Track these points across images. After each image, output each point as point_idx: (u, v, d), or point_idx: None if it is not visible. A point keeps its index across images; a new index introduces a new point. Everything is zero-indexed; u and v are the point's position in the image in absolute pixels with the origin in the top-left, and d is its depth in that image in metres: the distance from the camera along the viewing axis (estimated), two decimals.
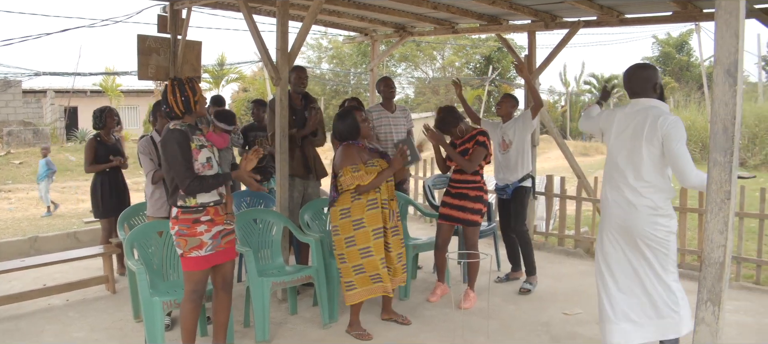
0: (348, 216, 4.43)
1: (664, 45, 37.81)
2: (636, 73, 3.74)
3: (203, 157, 3.73)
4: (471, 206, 5.29)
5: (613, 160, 3.74)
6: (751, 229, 7.45)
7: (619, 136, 3.70)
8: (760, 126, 18.13)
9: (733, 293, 5.69)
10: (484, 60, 32.49)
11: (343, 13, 7.53)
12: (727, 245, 2.69)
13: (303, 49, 30.93)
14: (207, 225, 3.75)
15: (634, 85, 3.73)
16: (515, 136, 5.76)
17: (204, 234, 3.73)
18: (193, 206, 3.71)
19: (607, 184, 3.77)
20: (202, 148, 3.74)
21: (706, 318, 2.76)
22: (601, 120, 3.90)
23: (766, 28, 5.84)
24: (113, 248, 5.87)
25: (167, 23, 6.95)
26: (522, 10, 6.94)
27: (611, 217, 3.71)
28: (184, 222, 3.70)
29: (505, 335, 4.71)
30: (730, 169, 2.64)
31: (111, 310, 5.27)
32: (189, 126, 3.75)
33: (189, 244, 3.71)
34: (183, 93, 3.71)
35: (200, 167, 3.70)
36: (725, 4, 2.58)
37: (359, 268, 4.45)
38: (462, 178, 5.32)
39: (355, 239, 4.43)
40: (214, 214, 3.79)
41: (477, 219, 5.33)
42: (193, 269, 3.76)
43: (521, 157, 5.78)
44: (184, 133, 3.68)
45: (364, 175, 4.36)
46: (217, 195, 3.81)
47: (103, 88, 26.75)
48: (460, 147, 5.30)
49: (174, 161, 3.63)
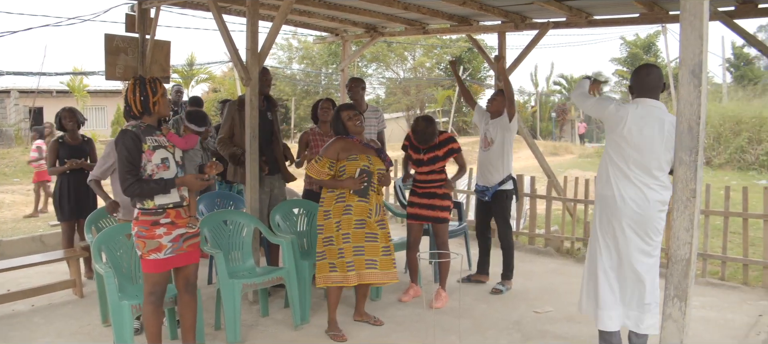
0: (330, 217, 4.51)
1: (632, 46, 38.37)
2: (651, 73, 3.83)
3: (157, 158, 3.67)
4: (440, 204, 5.35)
5: (628, 157, 3.73)
6: (716, 227, 7.60)
7: (638, 134, 3.69)
8: (725, 125, 18.49)
9: (699, 289, 5.80)
10: (457, 58, 32.65)
11: (313, 13, 7.50)
12: (693, 242, 2.74)
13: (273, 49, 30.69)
14: (166, 228, 3.70)
15: (646, 85, 3.81)
16: (498, 135, 5.77)
17: (163, 237, 3.68)
18: (152, 208, 3.66)
19: (621, 180, 3.75)
20: (157, 148, 3.68)
21: (673, 313, 2.81)
22: (609, 111, 3.83)
23: (729, 30, 5.96)
24: (80, 251, 5.76)
25: (135, 22, 6.85)
26: (492, 11, 6.99)
27: (625, 211, 3.73)
28: (143, 224, 3.66)
29: (476, 334, 4.74)
30: (695, 167, 2.69)
31: (78, 315, 5.18)
32: (147, 126, 3.70)
33: (147, 246, 3.66)
34: (142, 92, 3.66)
35: (154, 168, 3.65)
36: (690, 6, 2.63)
37: (333, 266, 4.52)
38: (429, 178, 5.35)
39: (333, 239, 4.50)
40: (175, 217, 3.74)
41: (447, 216, 5.39)
42: (151, 271, 3.72)
43: (503, 157, 5.77)
44: (135, 134, 3.62)
45: (317, 169, 4.49)
46: (177, 198, 3.75)
47: (70, 88, 26.26)
48: (429, 153, 5.33)
49: (120, 161, 3.62)
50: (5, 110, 26.27)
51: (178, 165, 3.80)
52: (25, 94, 26.04)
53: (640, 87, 3.83)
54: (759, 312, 5.21)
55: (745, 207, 6.10)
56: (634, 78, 3.89)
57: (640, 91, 3.83)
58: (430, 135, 5.30)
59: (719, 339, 4.64)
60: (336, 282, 4.52)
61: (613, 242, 3.83)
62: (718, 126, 18.53)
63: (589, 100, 4.09)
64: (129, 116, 3.74)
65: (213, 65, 32.31)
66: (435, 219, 5.36)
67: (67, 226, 6.20)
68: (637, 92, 3.84)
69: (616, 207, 3.77)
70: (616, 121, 3.77)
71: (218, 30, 5.53)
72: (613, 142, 3.80)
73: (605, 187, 3.84)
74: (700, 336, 4.64)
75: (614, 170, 3.79)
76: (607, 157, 3.86)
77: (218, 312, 4.81)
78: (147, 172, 3.64)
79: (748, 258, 6.10)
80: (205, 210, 5.85)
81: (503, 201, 5.84)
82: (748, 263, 6.09)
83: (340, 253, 4.48)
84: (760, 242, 6.54)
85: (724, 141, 18.24)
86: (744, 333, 4.72)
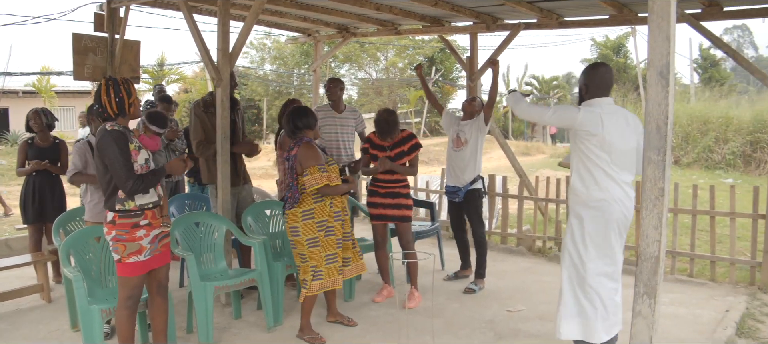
0: (311, 217, 4.42)
1: (602, 47, 38.87)
2: (608, 72, 3.82)
3: (142, 158, 3.65)
4: (405, 202, 5.40)
5: (610, 159, 3.65)
6: (684, 224, 7.72)
7: (618, 135, 3.64)
8: (693, 125, 18.79)
9: (668, 286, 5.89)
10: (427, 61, 32.71)
11: (285, 13, 7.47)
12: (661, 240, 2.78)
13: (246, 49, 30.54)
14: (146, 230, 3.66)
15: (603, 83, 3.77)
16: (472, 136, 5.80)
17: (143, 239, 3.64)
18: (133, 209, 3.61)
19: (609, 182, 3.67)
20: (140, 148, 3.66)
21: (642, 310, 2.84)
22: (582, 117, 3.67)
23: (696, 32, 6.06)
24: (47, 256, 5.66)
25: (104, 22, 6.74)
26: (464, 12, 7.03)
27: (617, 214, 3.69)
28: (122, 227, 3.60)
29: (449, 333, 4.75)
30: (663, 166, 2.73)
31: (46, 320, 5.08)
32: (125, 128, 3.65)
33: (128, 249, 3.61)
34: (118, 94, 3.61)
35: (139, 168, 3.61)
36: (657, 8, 2.67)
37: (318, 274, 4.44)
38: (390, 178, 5.37)
39: (318, 240, 4.43)
40: (152, 218, 3.71)
41: (409, 215, 5.44)
42: (130, 274, 3.66)
43: (475, 157, 5.82)
44: (123, 133, 3.58)
45: (331, 176, 4.38)
46: (156, 197, 3.73)
47: (37, 89, 25.77)
48: (394, 149, 5.34)
49: (114, 163, 3.52)
50: None
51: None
52: None
53: (596, 86, 3.76)
54: (726, 307, 5.31)
55: (712, 205, 6.21)
56: (590, 77, 3.81)
57: (596, 90, 3.76)
58: (393, 124, 5.30)
59: (688, 334, 4.72)
60: (324, 288, 4.52)
61: (609, 248, 3.74)
62: (686, 126, 18.83)
63: (546, 111, 4.01)
64: (101, 118, 3.67)
65: (184, 65, 31.99)
66: (399, 218, 5.38)
67: (33, 229, 6.07)
68: (594, 92, 3.76)
69: (610, 211, 3.68)
70: (593, 125, 3.63)
71: (189, 30, 5.47)
72: (592, 147, 3.66)
73: (597, 191, 3.69)
74: (669, 332, 4.71)
75: (600, 173, 3.68)
76: (587, 160, 3.70)
77: (190, 315, 4.76)
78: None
79: (715, 255, 6.21)
80: (176, 212, 5.79)
81: (475, 200, 5.88)
82: (715, 260, 6.20)
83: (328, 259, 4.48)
84: (727, 239, 6.69)
85: (692, 140, 18.55)
86: (712, 329, 4.80)
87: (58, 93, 26.94)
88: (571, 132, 3.80)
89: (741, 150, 17.45)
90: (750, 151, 17.36)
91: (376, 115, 5.43)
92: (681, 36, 69.88)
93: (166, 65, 29.07)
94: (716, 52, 35.64)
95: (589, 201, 3.73)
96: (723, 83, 31.88)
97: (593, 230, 3.72)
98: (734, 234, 6.14)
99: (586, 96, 3.80)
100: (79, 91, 28.39)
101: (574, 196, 3.81)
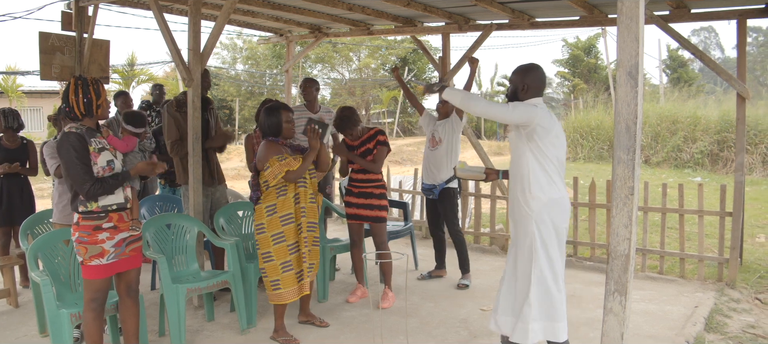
0: (275, 212, 4.38)
1: (573, 48, 39.24)
2: (543, 73, 3.83)
3: (103, 160, 3.57)
4: (377, 203, 5.38)
5: (559, 160, 3.72)
6: (654, 222, 7.84)
7: (557, 135, 3.70)
8: (662, 125, 19.09)
9: (638, 283, 5.99)
10: (400, 61, 32.75)
11: (257, 13, 7.42)
12: (631, 238, 2.81)
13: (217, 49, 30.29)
14: (109, 233, 3.60)
15: (542, 85, 3.81)
16: (446, 135, 5.84)
17: (105, 242, 3.58)
18: (96, 211, 3.55)
19: (560, 183, 3.73)
20: (102, 150, 3.58)
21: (613, 307, 2.87)
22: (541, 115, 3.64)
23: (665, 33, 6.15)
24: (14, 259, 5.54)
25: (72, 20, 6.63)
26: (436, 13, 7.05)
27: (565, 215, 3.74)
28: (84, 228, 3.54)
29: (424, 333, 4.76)
30: (632, 166, 2.76)
31: (14, 326, 4.98)
32: (88, 129, 3.59)
33: (89, 252, 3.55)
34: (86, 94, 3.55)
35: (100, 170, 3.54)
36: (626, 10, 2.70)
37: (287, 265, 4.39)
38: (365, 178, 5.36)
39: (284, 235, 4.39)
40: (118, 221, 3.64)
41: (384, 215, 5.42)
42: (92, 277, 3.60)
43: (449, 156, 5.86)
44: (80, 135, 3.51)
45: (291, 161, 4.33)
46: (122, 198, 3.66)
47: (2, 89, 25.24)
48: (361, 148, 5.34)
49: (71, 165, 3.47)
50: None
51: (122, 167, 3.71)
52: None
53: (537, 87, 3.78)
54: (695, 303, 5.40)
55: (681, 203, 6.31)
56: (530, 77, 3.78)
57: (536, 91, 3.78)
58: (347, 120, 5.27)
59: (658, 331, 4.79)
60: (288, 300, 4.46)
61: (560, 247, 3.77)
62: (655, 125, 19.13)
63: (506, 108, 3.71)
64: (68, 117, 3.61)
65: (154, 65, 31.61)
66: (374, 218, 5.37)
67: (1, 233, 5.94)
68: (535, 92, 3.77)
69: (564, 209, 3.73)
70: (549, 123, 3.66)
71: (160, 29, 5.40)
72: (548, 144, 3.67)
73: (552, 190, 3.69)
74: (640, 328, 4.78)
75: (554, 171, 3.70)
76: (542, 159, 3.68)
77: (162, 318, 4.70)
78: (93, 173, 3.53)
79: (684, 252, 6.31)
80: (147, 214, 5.72)
81: (451, 198, 5.93)
82: (684, 257, 6.30)
83: (284, 266, 4.41)
84: (695, 237, 6.80)
85: (662, 140, 18.85)
86: (681, 324, 4.88)
87: (26, 93, 26.43)
88: (524, 131, 3.69)
89: (709, 149, 17.77)
90: (717, 150, 17.69)
91: (336, 112, 5.41)
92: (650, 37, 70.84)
93: (136, 65, 28.68)
94: (684, 53, 36.22)
95: (550, 202, 3.70)
96: (691, 84, 32.40)
97: (549, 232, 3.71)
98: (703, 231, 6.25)
99: (525, 96, 3.77)
100: (47, 91, 27.89)
101: (533, 200, 3.70)
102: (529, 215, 3.72)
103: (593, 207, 6.78)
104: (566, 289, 5.82)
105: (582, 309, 5.26)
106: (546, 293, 3.72)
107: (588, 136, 21.04)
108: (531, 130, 3.66)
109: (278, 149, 4.37)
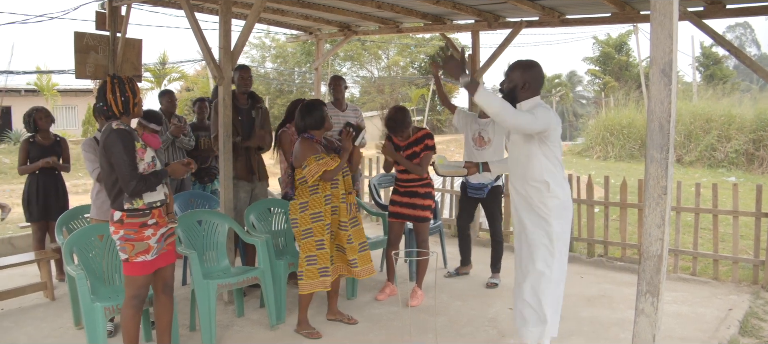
0: (306, 209, 4.46)
1: (604, 45, 38.79)
2: (542, 70, 3.76)
3: (148, 157, 3.65)
4: (421, 203, 5.35)
5: (559, 160, 3.75)
6: (687, 223, 7.72)
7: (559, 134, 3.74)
8: (695, 124, 18.78)
9: (670, 284, 5.90)
10: (428, 59, 32.68)
11: (287, 11, 7.46)
12: (664, 238, 2.77)
13: (246, 47, 30.52)
14: (153, 229, 3.66)
15: (541, 82, 3.77)
16: (495, 135, 5.78)
17: (151, 239, 3.65)
18: (141, 208, 3.61)
19: (565, 182, 3.78)
20: (146, 147, 3.66)
21: (645, 308, 2.84)
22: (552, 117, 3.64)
23: (699, 30, 6.05)
24: (51, 254, 5.66)
25: (106, 20, 6.75)
26: (465, 10, 7.02)
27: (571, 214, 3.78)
28: (130, 226, 3.59)
29: (453, 331, 4.75)
30: (666, 165, 2.73)
31: (50, 318, 5.09)
32: (129, 127, 3.65)
33: (136, 249, 3.61)
34: (123, 93, 3.61)
35: (146, 166, 3.61)
36: (659, 6, 2.66)
37: (312, 259, 4.45)
38: (410, 177, 5.36)
39: (312, 231, 4.45)
40: (159, 216, 3.71)
41: (428, 215, 5.40)
42: (137, 274, 3.66)
43: (498, 155, 5.79)
44: (130, 133, 3.58)
45: (328, 161, 4.39)
46: (163, 195, 3.74)
47: (39, 88, 25.78)
48: (408, 150, 5.32)
49: (120, 163, 3.51)
50: None
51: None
52: None
53: (537, 85, 3.72)
54: (729, 306, 5.30)
55: (715, 203, 6.20)
56: (532, 75, 3.72)
57: (535, 89, 3.73)
58: (400, 122, 5.28)
59: (691, 333, 4.71)
60: (321, 288, 4.51)
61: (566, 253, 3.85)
62: (688, 124, 18.83)
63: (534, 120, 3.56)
64: (105, 116, 3.66)
65: (186, 64, 32.00)
66: (415, 218, 5.36)
67: (36, 228, 6.08)
68: (535, 89, 3.73)
69: (569, 214, 3.80)
70: (557, 124, 3.68)
71: (191, 28, 5.47)
72: (555, 147, 3.70)
73: (566, 189, 3.77)
74: (672, 331, 4.71)
75: (561, 171, 3.74)
76: (554, 161, 3.71)
77: (193, 313, 4.77)
78: (139, 170, 3.60)
79: (718, 253, 6.20)
80: (179, 210, 5.80)
81: (498, 196, 5.94)
82: (718, 258, 6.19)
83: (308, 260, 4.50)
84: (729, 238, 6.67)
85: (695, 139, 18.54)
86: (715, 327, 4.80)
87: (60, 91, 26.96)
88: (537, 135, 3.66)
89: (744, 148, 17.44)
90: (753, 149, 17.35)
91: (387, 113, 5.42)
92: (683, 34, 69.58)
93: (167, 64, 29.08)
94: (719, 49, 35.56)
95: (565, 202, 3.73)
96: (725, 81, 31.80)
97: (561, 233, 3.74)
98: (737, 232, 6.13)
99: (524, 94, 3.72)
100: (81, 90, 28.42)
101: (552, 199, 3.68)
102: (548, 214, 3.71)
103: (624, 207, 6.69)
104: (596, 289, 5.81)
105: (612, 310, 5.21)
106: (557, 288, 3.80)
107: (619, 135, 20.78)
108: (545, 135, 3.64)
109: (315, 148, 4.43)
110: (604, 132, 21.16)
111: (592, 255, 6.91)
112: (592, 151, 21.41)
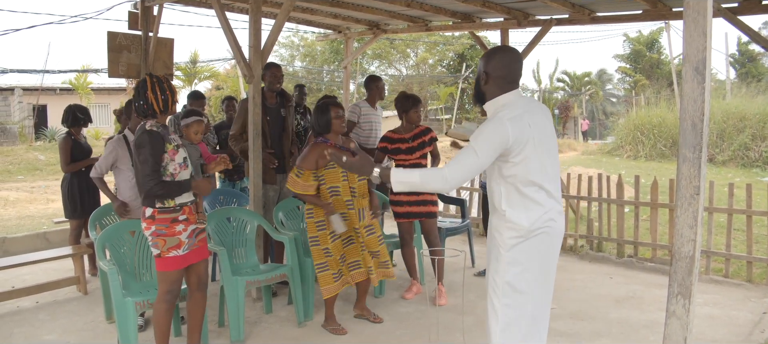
0: (312, 217, 4.56)
1: (635, 43, 38.31)
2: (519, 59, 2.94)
3: (180, 158, 3.70)
4: (429, 198, 5.40)
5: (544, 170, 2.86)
6: (720, 224, 7.58)
7: (541, 139, 2.86)
8: (728, 122, 18.42)
9: (702, 286, 5.79)
10: (457, 57, 32.58)
11: (316, 10, 7.50)
12: (696, 239, 2.73)
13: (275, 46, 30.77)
14: (184, 225, 3.72)
15: (504, 72, 2.88)
16: None
17: (182, 234, 3.70)
18: (172, 206, 3.68)
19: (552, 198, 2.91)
20: (179, 148, 3.71)
21: (676, 311, 2.80)
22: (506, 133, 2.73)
23: (733, 26, 5.93)
24: (84, 248, 5.78)
25: (138, 20, 6.86)
26: (495, 8, 6.98)
27: (559, 234, 3.06)
28: (162, 222, 3.66)
29: (481, 331, 4.73)
30: (699, 164, 2.68)
31: (83, 312, 5.19)
32: (163, 126, 3.70)
33: (168, 244, 3.67)
34: (163, 92, 3.66)
35: (177, 167, 3.67)
36: (693, 3, 2.62)
37: (323, 266, 4.53)
38: None
39: (318, 239, 4.54)
40: (189, 213, 3.77)
41: (435, 210, 5.45)
42: (170, 269, 3.72)
43: None
44: (160, 135, 3.62)
45: (299, 183, 4.46)
46: (192, 195, 3.81)
47: (73, 86, 26.29)
48: (417, 139, 5.38)
49: (144, 163, 3.58)
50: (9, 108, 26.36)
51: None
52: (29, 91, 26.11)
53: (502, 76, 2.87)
54: (763, 309, 5.20)
55: (748, 204, 6.09)
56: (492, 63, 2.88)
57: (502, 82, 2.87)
58: (410, 97, 5.42)
59: (723, 336, 4.63)
60: (341, 287, 4.59)
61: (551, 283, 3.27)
62: (721, 123, 18.47)
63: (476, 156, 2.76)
64: (144, 114, 3.69)
65: (216, 62, 32.31)
66: (427, 214, 5.37)
67: (76, 224, 6.19)
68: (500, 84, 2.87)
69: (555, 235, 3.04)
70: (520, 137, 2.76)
71: (221, 27, 5.53)
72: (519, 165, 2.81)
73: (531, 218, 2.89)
74: (704, 334, 4.63)
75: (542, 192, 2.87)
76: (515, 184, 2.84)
77: (222, 309, 4.82)
78: (169, 171, 3.65)
79: (752, 255, 6.08)
80: (209, 207, 5.87)
81: None
82: (751, 260, 6.07)
83: (341, 259, 4.59)
84: (764, 239, 6.55)
85: (728, 138, 18.18)
86: (748, 331, 4.71)
87: (94, 90, 27.45)
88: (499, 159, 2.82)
89: None
90: None
91: (397, 97, 5.53)
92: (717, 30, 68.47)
93: (198, 63, 29.42)
94: (754, 46, 34.83)
95: (528, 234, 2.92)
96: (761, 79, 31.18)
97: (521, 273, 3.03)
98: None
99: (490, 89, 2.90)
100: (114, 88, 28.92)
101: (508, 230, 2.94)
102: (500, 247, 3.05)
103: (655, 207, 6.60)
104: (626, 290, 5.73)
105: (642, 311, 5.14)
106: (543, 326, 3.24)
107: (649, 134, 20.47)
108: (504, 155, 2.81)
109: (311, 159, 4.45)
110: (634, 131, 20.87)
111: (622, 256, 6.83)
112: (622, 150, 21.13)
